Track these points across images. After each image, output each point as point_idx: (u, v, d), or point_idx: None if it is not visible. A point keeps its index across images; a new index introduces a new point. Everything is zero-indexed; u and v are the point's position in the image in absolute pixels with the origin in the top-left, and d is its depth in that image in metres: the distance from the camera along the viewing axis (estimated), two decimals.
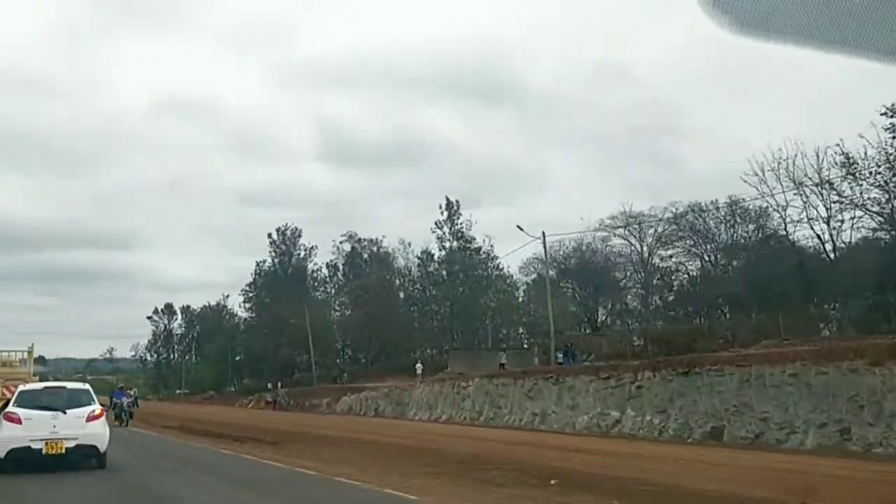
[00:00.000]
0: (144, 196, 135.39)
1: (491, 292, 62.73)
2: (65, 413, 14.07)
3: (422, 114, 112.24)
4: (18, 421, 13.86)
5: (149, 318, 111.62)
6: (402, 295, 69.20)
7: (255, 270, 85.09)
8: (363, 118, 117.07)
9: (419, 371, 47.85)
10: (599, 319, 58.95)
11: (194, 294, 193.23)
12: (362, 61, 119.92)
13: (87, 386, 16.13)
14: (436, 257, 66.44)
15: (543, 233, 39.99)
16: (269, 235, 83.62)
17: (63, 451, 13.76)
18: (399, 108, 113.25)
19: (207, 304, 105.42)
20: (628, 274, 54.57)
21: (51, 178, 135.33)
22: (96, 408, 14.77)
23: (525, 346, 57.67)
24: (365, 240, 71.43)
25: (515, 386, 31.22)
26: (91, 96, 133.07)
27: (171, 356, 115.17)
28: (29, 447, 13.60)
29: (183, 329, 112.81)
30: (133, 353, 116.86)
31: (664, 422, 23.01)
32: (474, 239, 61.68)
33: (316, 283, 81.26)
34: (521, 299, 68.73)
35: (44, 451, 13.66)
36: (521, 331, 67.29)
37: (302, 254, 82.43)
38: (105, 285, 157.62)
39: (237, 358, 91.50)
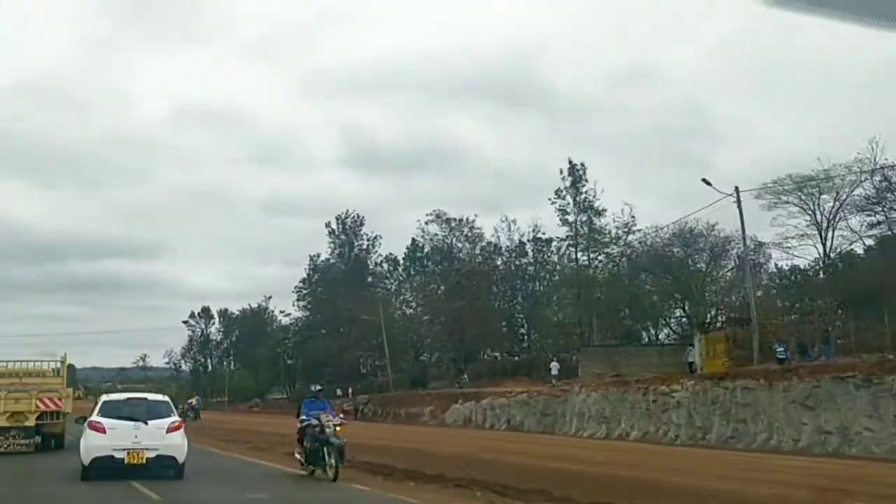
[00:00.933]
0: (171, 206, 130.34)
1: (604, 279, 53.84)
2: (146, 424, 14.08)
3: (448, 119, 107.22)
4: (102, 430, 13.99)
5: (184, 322, 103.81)
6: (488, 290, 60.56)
7: (309, 265, 76.68)
8: (387, 125, 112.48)
9: (555, 372, 39.66)
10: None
11: (222, 302, 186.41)
12: (385, 68, 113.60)
13: (167, 398, 16.24)
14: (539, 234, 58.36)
15: (737, 188, 31.95)
16: (328, 225, 75.31)
17: (144, 461, 13.80)
18: (424, 114, 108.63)
19: (248, 307, 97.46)
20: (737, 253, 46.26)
21: (76, 190, 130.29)
22: (176, 419, 14.82)
23: (665, 340, 49.49)
24: (454, 220, 62.50)
25: (772, 390, 22.81)
26: (115, 108, 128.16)
27: (209, 362, 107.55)
28: (112, 456, 13.72)
29: (221, 334, 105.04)
30: (167, 360, 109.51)
31: None
32: (605, 211, 52.94)
33: (379, 276, 72.94)
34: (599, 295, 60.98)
35: (126, 461, 13.72)
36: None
37: (364, 244, 74.09)
38: (133, 295, 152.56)
39: (288, 362, 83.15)
